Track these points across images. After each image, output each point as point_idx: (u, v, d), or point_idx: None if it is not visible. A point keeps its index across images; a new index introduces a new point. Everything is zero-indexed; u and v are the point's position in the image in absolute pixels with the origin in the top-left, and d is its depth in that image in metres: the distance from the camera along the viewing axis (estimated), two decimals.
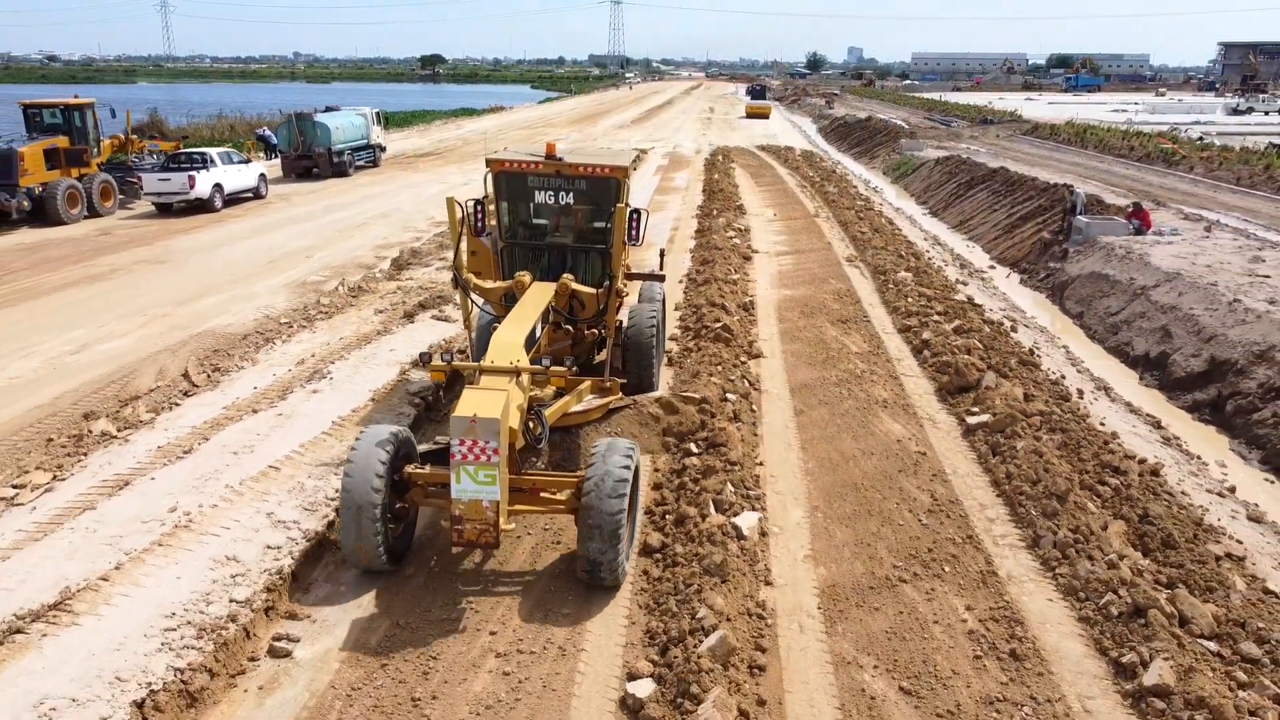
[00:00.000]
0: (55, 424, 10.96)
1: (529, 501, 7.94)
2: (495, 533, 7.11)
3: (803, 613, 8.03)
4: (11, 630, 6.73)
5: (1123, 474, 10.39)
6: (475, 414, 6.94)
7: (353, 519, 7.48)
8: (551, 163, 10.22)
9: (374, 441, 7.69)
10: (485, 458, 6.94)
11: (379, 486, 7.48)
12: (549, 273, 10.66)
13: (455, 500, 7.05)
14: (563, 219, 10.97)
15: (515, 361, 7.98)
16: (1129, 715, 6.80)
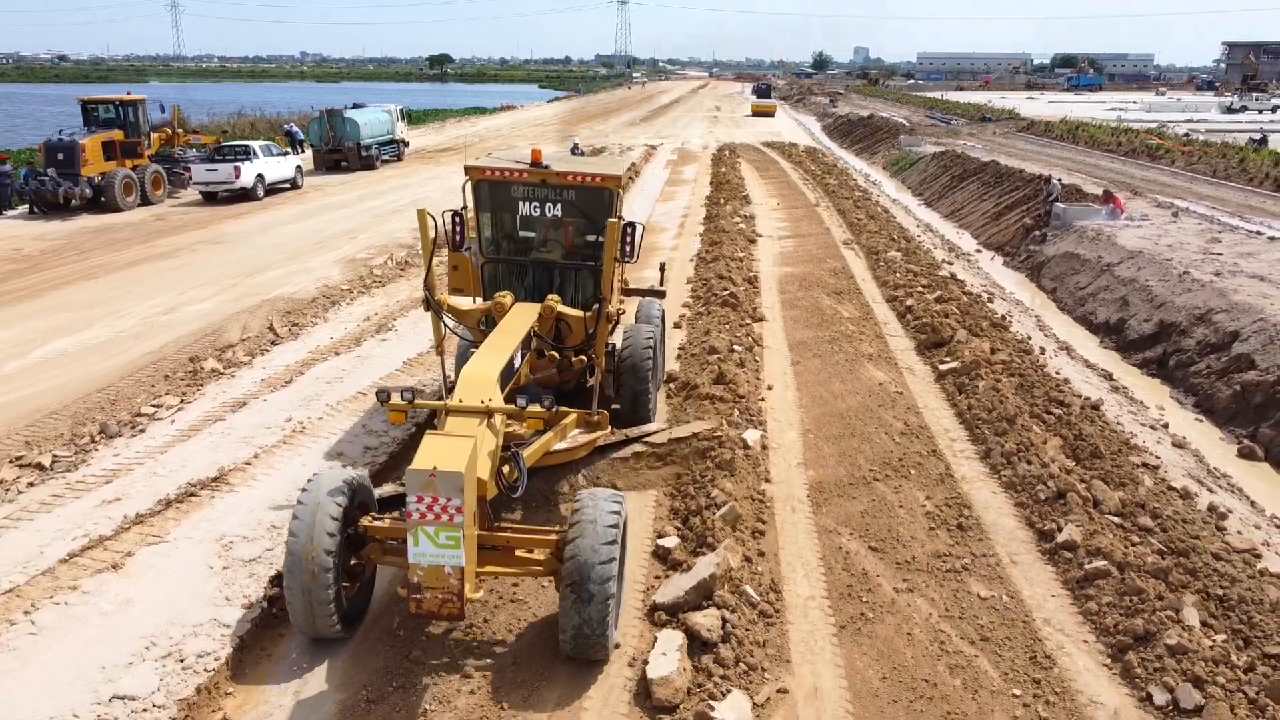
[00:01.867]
0: (167, 365, 13.04)
1: (502, 562, 6.97)
2: (460, 603, 6.15)
3: (795, 500, 10.07)
4: (188, 494, 8.83)
5: (1066, 406, 12.44)
6: (435, 466, 6.02)
7: (300, 581, 6.44)
8: (537, 171, 9.21)
9: (325, 489, 6.65)
10: (447, 517, 6.02)
11: (330, 548, 6.46)
12: (534, 292, 9.69)
13: (413, 566, 6.10)
14: (550, 233, 9.87)
15: (487, 400, 6.99)
16: (1045, 565, 8.84)
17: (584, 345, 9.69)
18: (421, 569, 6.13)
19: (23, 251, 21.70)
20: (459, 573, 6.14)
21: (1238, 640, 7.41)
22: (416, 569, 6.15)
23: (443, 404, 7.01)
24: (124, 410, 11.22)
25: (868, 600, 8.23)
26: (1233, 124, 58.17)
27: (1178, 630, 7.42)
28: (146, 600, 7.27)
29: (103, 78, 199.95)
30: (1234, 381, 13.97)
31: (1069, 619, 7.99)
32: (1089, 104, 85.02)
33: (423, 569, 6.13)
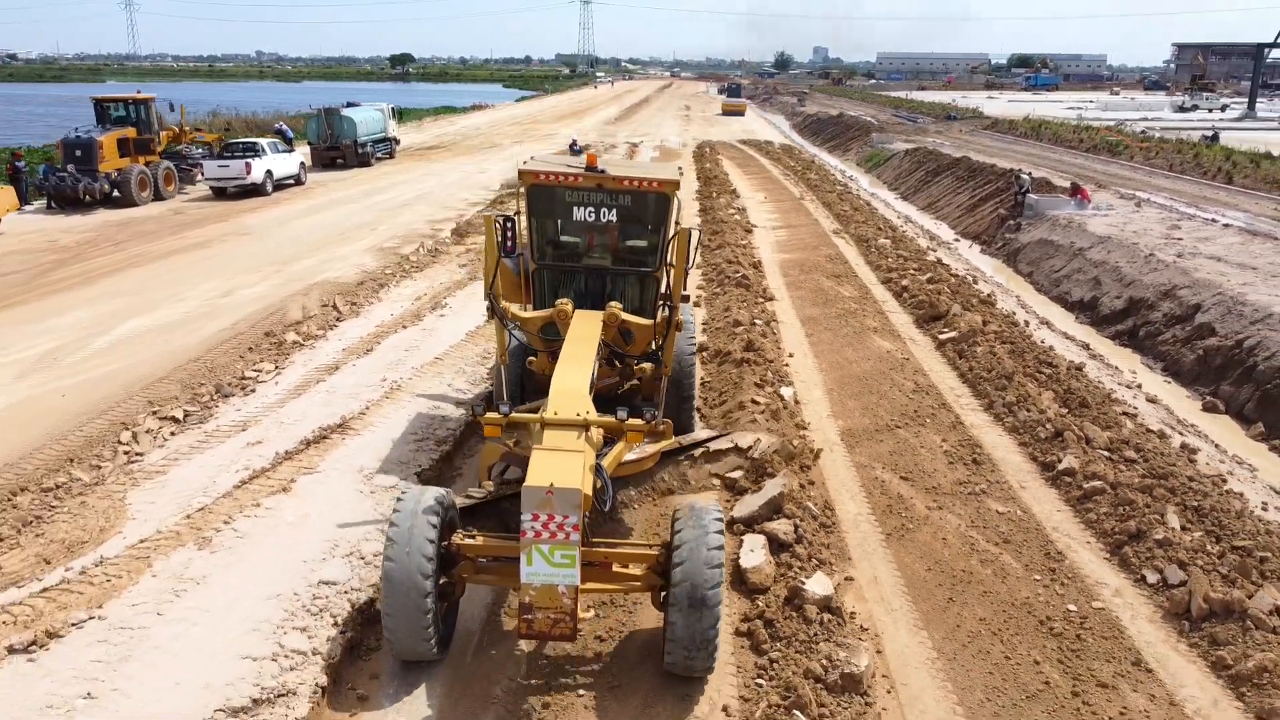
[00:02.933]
0: (246, 339, 14.34)
1: (600, 578, 6.80)
2: (572, 623, 6.07)
3: (830, 443, 11.66)
4: (322, 436, 10.26)
5: (1054, 367, 14.17)
6: (552, 483, 5.95)
7: (399, 604, 6.26)
8: (593, 175, 8.93)
9: (419, 508, 6.46)
10: (563, 535, 5.94)
11: (428, 570, 6.27)
12: (586, 298, 9.32)
13: (525, 585, 5.99)
14: (602, 238, 9.64)
15: (584, 413, 6.83)
16: (1049, 488, 10.49)
17: (648, 354, 9.31)
18: (534, 589, 5.98)
19: (58, 243, 22.71)
20: (573, 592, 6.00)
21: (1211, 537, 9.08)
22: (529, 589, 5.99)
23: (538, 417, 6.75)
24: (227, 375, 12.54)
25: (905, 516, 9.83)
26: (1185, 122, 60.87)
27: (1163, 529, 9.10)
28: (318, 515, 8.68)
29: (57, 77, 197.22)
30: (1197, 347, 15.79)
31: (1073, 527, 9.65)
32: (1048, 103, 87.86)
33: (535, 589, 5.98)
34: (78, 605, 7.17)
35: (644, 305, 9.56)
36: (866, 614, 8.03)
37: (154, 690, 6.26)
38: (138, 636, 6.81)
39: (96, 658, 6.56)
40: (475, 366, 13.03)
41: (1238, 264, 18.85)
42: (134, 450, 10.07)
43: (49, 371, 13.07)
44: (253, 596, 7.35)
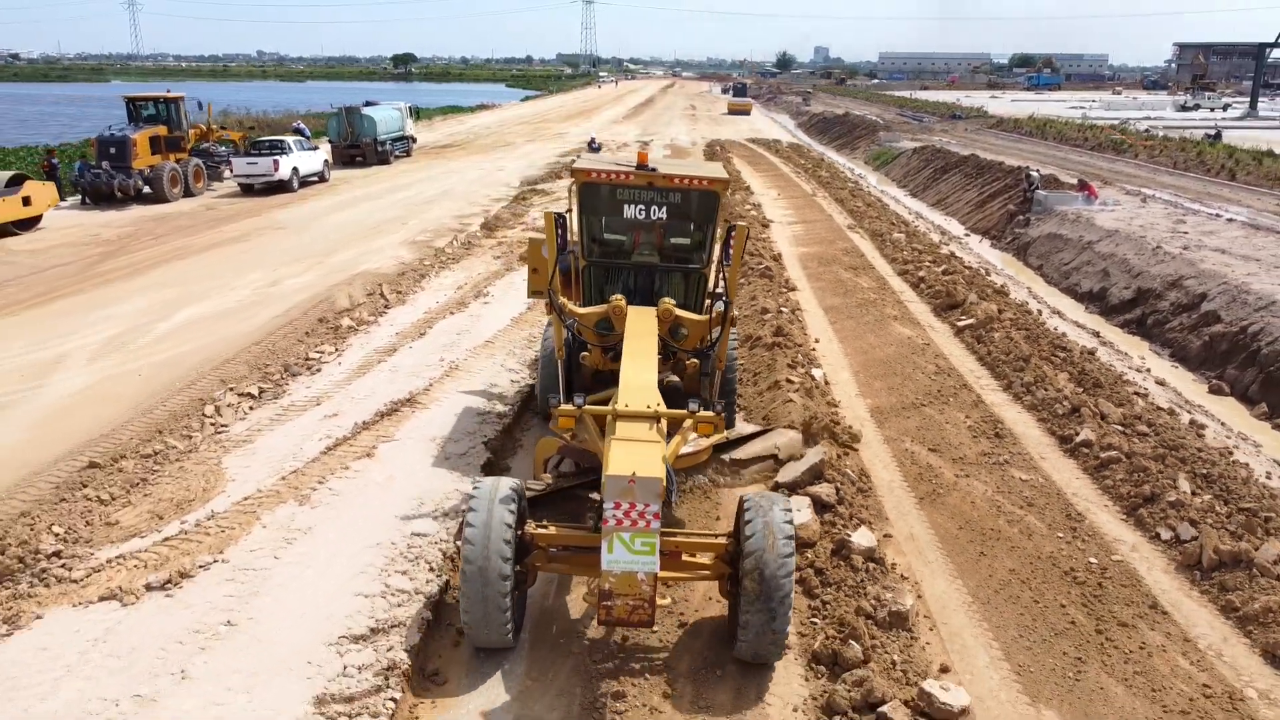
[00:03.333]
0: (302, 325, 15.11)
1: (670, 567, 6.88)
2: (650, 610, 6.25)
3: (860, 419, 12.44)
4: (393, 409, 11.07)
5: (1068, 351, 14.95)
6: (634, 473, 6.15)
7: (478, 592, 6.43)
8: (644, 174, 9.11)
9: (496, 498, 6.59)
10: (644, 523, 6.13)
11: (507, 553, 6.42)
12: (634, 295, 9.48)
13: (606, 573, 6.16)
14: (652, 235, 9.81)
15: (655, 405, 7.02)
16: (1067, 459, 11.27)
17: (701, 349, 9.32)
18: (614, 576, 6.15)
19: (100, 237, 23.50)
20: (651, 579, 6.17)
21: (1220, 500, 9.86)
22: (609, 576, 6.16)
23: (611, 409, 7.00)
24: (291, 356, 13.33)
25: (935, 482, 10.61)
26: (1187, 121, 61.64)
27: (1175, 493, 9.88)
28: (402, 477, 9.48)
29: (61, 76, 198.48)
30: (1204, 334, 16.55)
31: (1091, 492, 10.43)
32: (1051, 102, 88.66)
33: (615, 576, 6.15)
34: (200, 551, 7.96)
35: (691, 301, 9.71)
36: (906, 565, 8.81)
37: (284, 620, 7.05)
38: (260, 576, 7.61)
39: (228, 593, 7.36)
40: (524, 349, 13.81)
41: (1241, 256, 19.60)
42: (219, 422, 10.87)
43: (120, 354, 13.86)
44: (355, 545, 8.15)
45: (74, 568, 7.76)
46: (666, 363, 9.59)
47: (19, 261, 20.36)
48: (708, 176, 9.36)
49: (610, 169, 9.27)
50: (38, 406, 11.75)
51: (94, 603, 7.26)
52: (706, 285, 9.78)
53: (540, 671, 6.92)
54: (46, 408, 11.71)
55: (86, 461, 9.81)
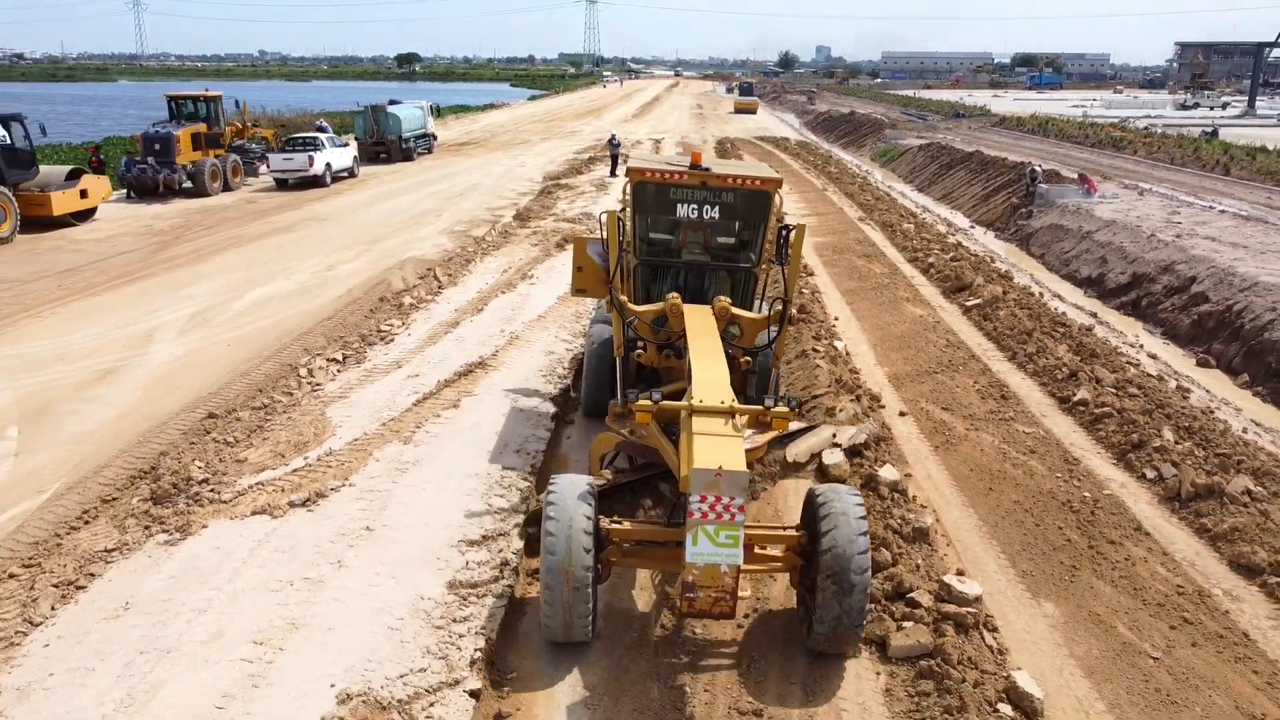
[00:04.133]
0: (364, 303, 16.52)
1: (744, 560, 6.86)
2: (732, 601, 6.43)
3: (879, 384, 13.83)
4: (468, 370, 12.51)
5: (1067, 326, 16.35)
6: (721, 466, 6.20)
7: (561, 592, 6.57)
8: (697, 173, 9.22)
9: (574, 496, 6.75)
10: (729, 516, 6.23)
11: (589, 547, 6.58)
12: (685, 293, 9.52)
13: (690, 565, 6.31)
14: (703, 234, 9.96)
15: (729, 401, 7.08)
16: (1066, 415, 12.66)
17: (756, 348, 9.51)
18: (698, 568, 6.28)
19: (154, 228, 24.92)
20: (734, 571, 6.32)
21: (1198, 447, 11.25)
22: (693, 568, 6.29)
23: (687, 405, 7.06)
24: (363, 329, 14.76)
25: (948, 435, 12.01)
26: (1187, 119, 63.00)
27: (1160, 440, 11.28)
28: (486, 423, 10.92)
29: (68, 76, 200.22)
30: (1193, 313, 17.96)
31: (1086, 442, 11.83)
32: (1053, 101, 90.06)
33: (699, 568, 6.28)
34: (328, 478, 9.39)
35: (740, 300, 9.76)
36: (925, 497, 10.21)
37: (411, 528, 8.47)
38: (384, 496, 9.03)
39: (360, 508, 8.78)
40: (573, 323, 15.24)
41: (1230, 243, 20.99)
42: (314, 381, 12.29)
43: (205, 328, 15.28)
44: (458, 475, 9.58)
45: (221, 492, 9.18)
46: None
47: (86, 249, 21.78)
48: (760, 176, 9.42)
49: (665, 168, 9.35)
50: (145, 370, 13.18)
51: (247, 516, 8.68)
52: (756, 284, 9.96)
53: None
54: (153, 371, 13.13)
55: (205, 413, 11.23)
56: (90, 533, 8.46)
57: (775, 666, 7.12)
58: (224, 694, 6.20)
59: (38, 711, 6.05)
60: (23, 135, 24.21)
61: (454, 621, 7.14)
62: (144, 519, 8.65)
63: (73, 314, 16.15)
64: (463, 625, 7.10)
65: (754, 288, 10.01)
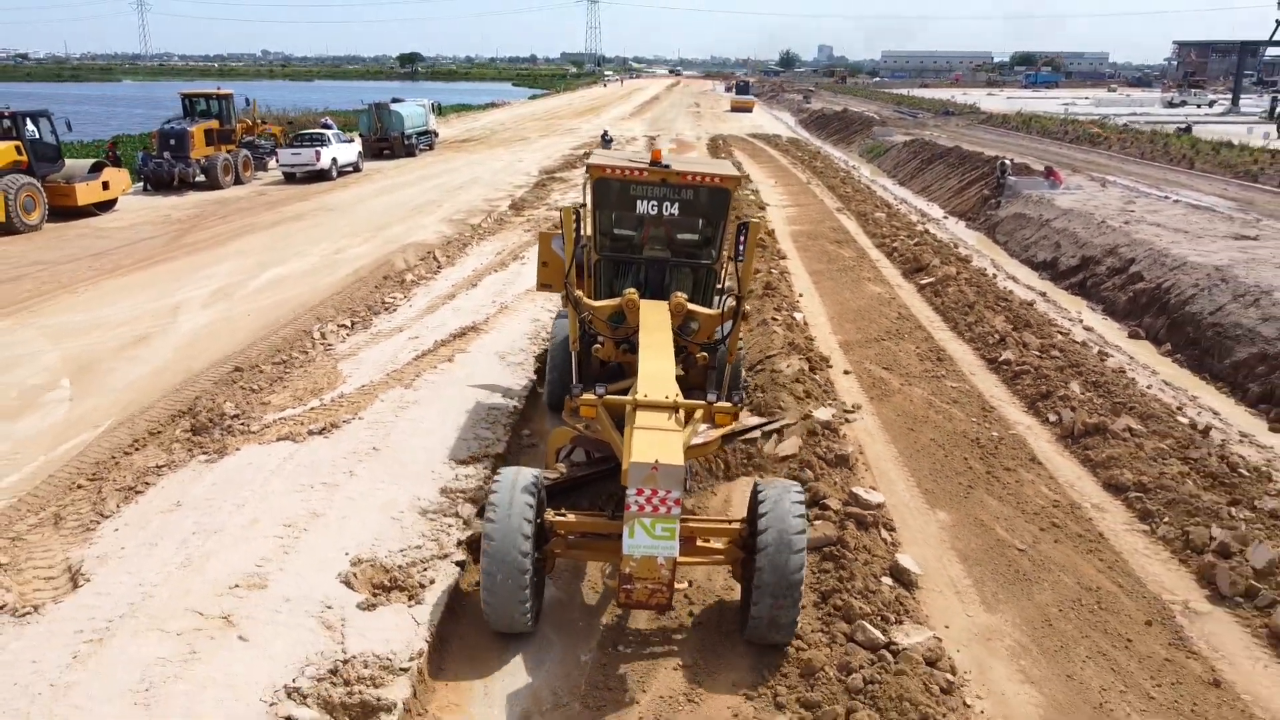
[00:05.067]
0: (371, 280, 18.18)
1: (685, 552, 7.01)
2: (669, 593, 6.56)
3: (831, 348, 15.47)
4: (462, 333, 14.18)
5: (1009, 301, 17.99)
6: (658, 460, 6.34)
7: (499, 579, 6.69)
8: (657, 170, 9.27)
9: (518, 487, 6.87)
10: (665, 509, 6.36)
11: (526, 548, 6.67)
12: (645, 289, 9.62)
13: (627, 556, 6.42)
14: (663, 231, 9.93)
15: (673, 396, 7.29)
16: (991, 373, 14.31)
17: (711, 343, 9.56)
18: (635, 560, 6.40)
19: (172, 217, 26.60)
20: (671, 563, 6.43)
21: (1100, 397, 12.88)
22: (630, 560, 6.41)
23: (631, 400, 7.24)
24: (369, 301, 16.43)
25: (884, 388, 13.65)
26: (1170, 117, 64.48)
27: (1066, 390, 12.91)
28: (477, 374, 12.59)
29: (73, 76, 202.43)
30: (1129, 290, 19.56)
31: (1004, 394, 13.47)
32: (1044, 99, 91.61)
33: (636, 560, 6.40)
34: (341, 414, 11.06)
35: (701, 296, 9.87)
36: (853, 436, 11.84)
37: (412, 450, 10.14)
38: (389, 426, 10.71)
39: (369, 435, 10.45)
40: (557, 296, 16.90)
41: (1173, 229, 22.59)
42: (326, 342, 13.96)
43: (227, 302, 16.95)
44: (452, 411, 11.26)
45: (250, 425, 10.85)
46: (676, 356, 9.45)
47: (111, 236, 23.47)
48: (720, 174, 9.50)
49: (625, 165, 9.41)
50: (176, 336, 14.85)
51: (274, 442, 10.34)
52: (716, 280, 10.02)
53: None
54: (184, 336, 14.81)
55: (232, 367, 12.91)
56: (143, 455, 10.12)
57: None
58: (262, 558, 7.85)
59: (116, 572, 7.71)
60: (50, 131, 25.94)
61: (444, 515, 8.79)
62: (187, 444, 10.33)
63: (105, 291, 17.83)
64: (452, 518, 8.76)
65: (714, 284, 10.04)
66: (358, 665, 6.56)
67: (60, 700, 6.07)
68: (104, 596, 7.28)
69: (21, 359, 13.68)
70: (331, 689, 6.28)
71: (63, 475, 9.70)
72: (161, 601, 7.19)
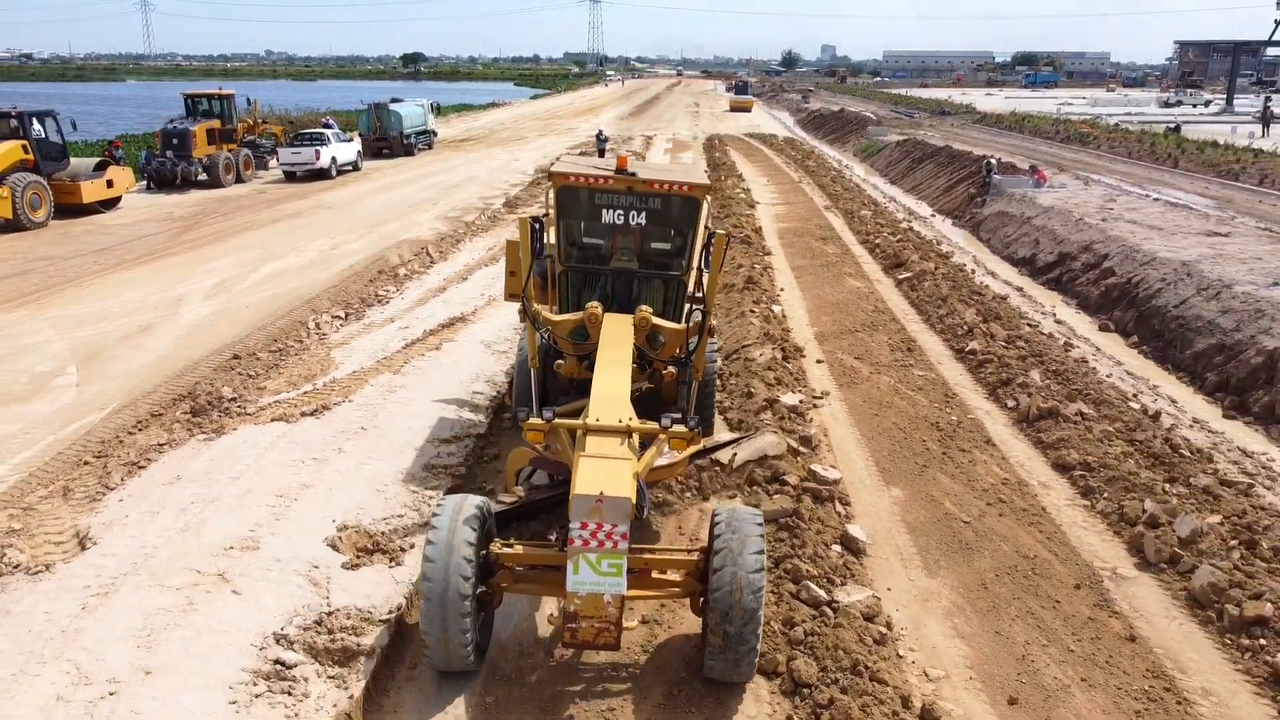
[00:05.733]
0: (366, 275, 18.83)
1: (639, 585, 6.74)
2: (616, 632, 6.19)
3: (807, 339, 16.11)
4: (450, 323, 14.83)
5: (982, 295, 18.61)
6: (602, 492, 6.07)
7: (437, 613, 6.28)
8: (624, 178, 8.90)
9: (459, 518, 6.47)
10: (611, 544, 6.05)
11: (469, 573, 6.28)
12: (613, 301, 9.29)
13: (571, 594, 6.09)
14: (631, 241, 9.53)
15: (627, 419, 6.90)
16: (957, 363, 14.94)
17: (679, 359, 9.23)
18: (580, 598, 6.06)
19: (174, 215, 27.27)
20: (618, 601, 6.09)
21: (1059, 385, 13.49)
22: (574, 597, 6.07)
23: (581, 423, 6.88)
24: (363, 294, 17.08)
25: (854, 376, 14.28)
26: (1164, 116, 65.02)
27: (1025, 378, 13.54)
28: (464, 361, 13.25)
29: (77, 76, 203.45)
30: (1101, 285, 20.18)
31: (967, 382, 14.10)
32: (1041, 99, 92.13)
33: (581, 597, 6.06)
34: (332, 397, 11.71)
35: (670, 309, 9.49)
36: (819, 420, 12.47)
37: (397, 429, 10.79)
38: (377, 408, 11.36)
39: (358, 415, 11.10)
40: None
41: (1148, 226, 23.19)
42: (320, 332, 14.62)
43: (227, 294, 17.61)
44: (437, 395, 11.92)
45: (246, 407, 11.51)
46: (643, 372, 9.40)
47: (115, 232, 24.15)
48: (688, 182, 9.06)
49: (589, 173, 9.04)
50: (178, 326, 15.51)
51: (268, 423, 10.98)
52: (686, 292, 9.58)
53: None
54: (185, 326, 15.47)
55: (231, 355, 13.57)
56: (145, 435, 10.78)
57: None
58: (255, 524, 8.48)
59: (120, 537, 8.35)
60: (55, 130, 26.61)
61: (426, 489, 9.44)
62: (187, 425, 10.99)
63: (110, 284, 18.49)
64: (432, 491, 9.40)
65: (684, 295, 9.61)
66: (341, 617, 7.20)
67: (70, 644, 6.70)
68: (109, 557, 7.92)
69: (30, 348, 14.34)
70: (316, 636, 6.92)
71: (70, 453, 10.36)
72: (162, 561, 7.83)
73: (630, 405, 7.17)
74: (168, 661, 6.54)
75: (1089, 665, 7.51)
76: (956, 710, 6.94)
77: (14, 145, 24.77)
